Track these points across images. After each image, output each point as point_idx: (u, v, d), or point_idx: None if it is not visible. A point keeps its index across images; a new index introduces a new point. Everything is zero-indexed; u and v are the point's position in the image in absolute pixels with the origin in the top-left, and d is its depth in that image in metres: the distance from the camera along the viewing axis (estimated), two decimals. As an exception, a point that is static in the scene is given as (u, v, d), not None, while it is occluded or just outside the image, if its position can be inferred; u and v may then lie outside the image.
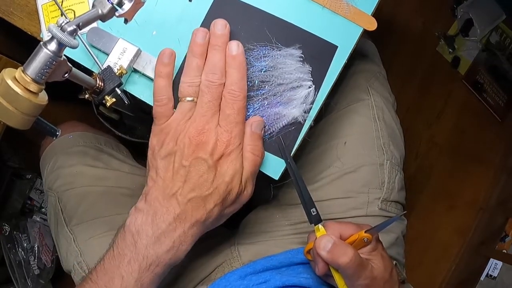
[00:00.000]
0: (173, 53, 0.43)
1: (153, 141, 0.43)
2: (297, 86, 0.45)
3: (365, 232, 0.42)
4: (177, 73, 0.46)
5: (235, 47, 0.42)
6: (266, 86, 0.45)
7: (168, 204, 0.41)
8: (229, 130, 0.41)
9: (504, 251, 1.11)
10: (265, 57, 0.45)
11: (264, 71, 0.45)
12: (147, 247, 0.40)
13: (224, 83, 0.42)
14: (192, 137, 0.41)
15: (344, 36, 0.46)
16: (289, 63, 0.45)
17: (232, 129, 0.42)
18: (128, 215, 0.43)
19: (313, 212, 0.44)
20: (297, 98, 0.45)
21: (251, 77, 0.45)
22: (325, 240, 0.42)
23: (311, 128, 0.46)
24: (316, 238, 0.43)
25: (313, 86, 0.45)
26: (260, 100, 0.45)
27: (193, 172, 0.41)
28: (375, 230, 0.42)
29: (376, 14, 0.46)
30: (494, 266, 1.09)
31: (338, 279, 0.43)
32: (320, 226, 0.44)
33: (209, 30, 0.43)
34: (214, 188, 0.41)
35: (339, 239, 0.42)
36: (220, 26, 0.43)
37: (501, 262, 1.09)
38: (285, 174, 0.46)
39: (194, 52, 0.42)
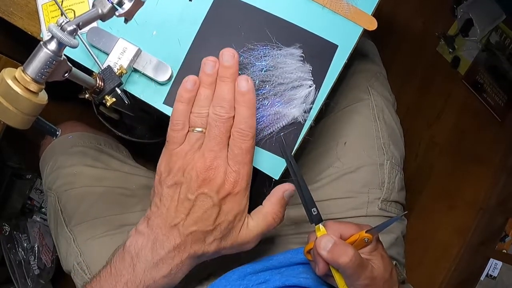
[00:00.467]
0: (197, 81, 0.42)
1: (161, 166, 0.43)
2: (298, 86, 0.45)
3: (366, 232, 0.42)
4: (176, 74, 0.46)
5: (245, 83, 0.41)
6: (267, 86, 0.45)
7: (169, 233, 0.41)
8: (237, 170, 0.41)
9: (504, 251, 1.11)
10: (266, 56, 0.45)
11: (264, 71, 0.45)
12: (145, 271, 0.41)
13: (233, 117, 0.41)
14: (199, 172, 0.41)
15: (344, 36, 0.46)
16: (289, 63, 0.45)
17: (240, 170, 0.41)
18: (128, 235, 0.43)
19: (314, 211, 0.44)
20: (298, 97, 0.45)
21: (251, 77, 0.45)
22: (325, 239, 0.42)
23: (311, 128, 0.46)
24: (316, 238, 0.43)
25: (314, 85, 0.45)
26: (260, 99, 0.45)
27: (197, 207, 0.41)
28: (375, 230, 0.42)
29: (376, 14, 0.46)
30: (494, 266, 1.09)
31: (338, 279, 0.43)
32: (320, 226, 0.44)
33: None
34: (217, 224, 0.41)
35: (339, 239, 0.42)
36: (228, 57, 0.42)
37: (501, 262, 1.09)
38: (285, 174, 0.46)
39: (203, 82, 0.42)
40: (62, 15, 0.46)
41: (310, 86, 0.45)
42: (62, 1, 0.47)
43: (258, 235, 0.44)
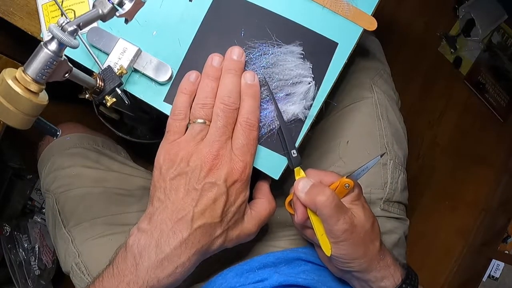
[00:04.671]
0: (199, 75, 0.44)
1: (161, 158, 0.42)
2: (297, 82, 0.45)
3: (346, 177, 0.42)
4: (176, 74, 0.46)
5: (252, 76, 0.43)
6: (266, 83, 0.45)
7: (175, 227, 0.40)
8: (243, 159, 0.42)
9: (506, 252, 1.10)
10: (266, 54, 0.45)
11: (264, 68, 0.45)
12: (148, 271, 0.40)
13: (238, 109, 0.42)
14: (206, 161, 0.41)
15: (344, 36, 0.46)
16: (289, 60, 0.45)
17: (246, 159, 0.42)
18: (129, 234, 0.42)
19: (294, 153, 0.44)
20: (298, 94, 0.45)
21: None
22: (303, 181, 0.42)
23: (313, 125, 0.46)
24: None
25: (313, 82, 0.45)
26: (261, 96, 0.45)
27: (205, 196, 0.41)
28: (355, 175, 0.42)
29: (377, 14, 0.46)
30: (496, 267, 1.09)
31: (316, 225, 0.42)
32: (301, 170, 0.44)
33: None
34: (224, 215, 0.41)
35: (318, 182, 0.42)
36: (238, 52, 0.43)
37: (503, 263, 1.08)
38: (285, 175, 0.46)
39: (210, 75, 0.43)
40: (62, 15, 0.46)
41: (310, 83, 0.45)
42: (62, 1, 0.47)
43: (260, 224, 0.45)
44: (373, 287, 0.44)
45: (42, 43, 0.33)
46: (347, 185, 0.41)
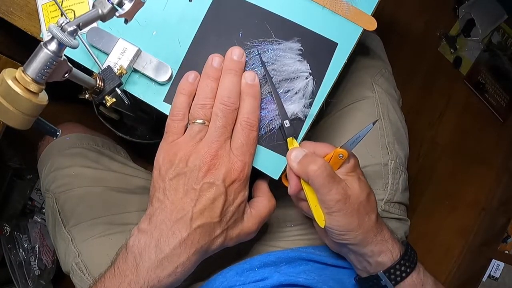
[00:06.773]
0: (198, 76, 0.44)
1: (160, 159, 0.42)
2: (295, 77, 0.45)
3: (340, 147, 0.41)
4: (176, 74, 0.46)
5: (253, 76, 0.43)
6: (266, 82, 0.45)
7: (174, 227, 0.40)
8: (242, 159, 0.42)
9: (506, 252, 1.10)
10: (264, 52, 0.45)
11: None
12: (149, 271, 0.40)
13: (238, 109, 0.42)
14: (204, 161, 0.41)
15: (344, 36, 0.46)
16: (288, 56, 0.45)
17: (245, 158, 0.42)
18: (130, 235, 0.43)
19: (286, 124, 0.44)
20: (296, 90, 0.45)
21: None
22: (296, 151, 0.42)
23: (313, 124, 0.46)
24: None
25: (311, 76, 0.45)
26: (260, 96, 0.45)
27: (203, 197, 0.41)
28: (349, 144, 0.42)
29: (377, 14, 0.46)
30: (496, 267, 1.09)
31: (309, 195, 0.42)
32: (294, 140, 0.44)
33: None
34: (223, 215, 0.41)
35: (311, 152, 0.42)
36: (238, 53, 0.43)
37: (503, 263, 1.08)
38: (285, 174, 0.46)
39: (210, 75, 0.43)
40: (62, 16, 0.46)
41: (307, 77, 0.45)
42: (62, 1, 0.47)
43: (260, 222, 0.45)
44: (370, 261, 0.43)
45: (42, 43, 0.33)
46: (341, 155, 0.41)
